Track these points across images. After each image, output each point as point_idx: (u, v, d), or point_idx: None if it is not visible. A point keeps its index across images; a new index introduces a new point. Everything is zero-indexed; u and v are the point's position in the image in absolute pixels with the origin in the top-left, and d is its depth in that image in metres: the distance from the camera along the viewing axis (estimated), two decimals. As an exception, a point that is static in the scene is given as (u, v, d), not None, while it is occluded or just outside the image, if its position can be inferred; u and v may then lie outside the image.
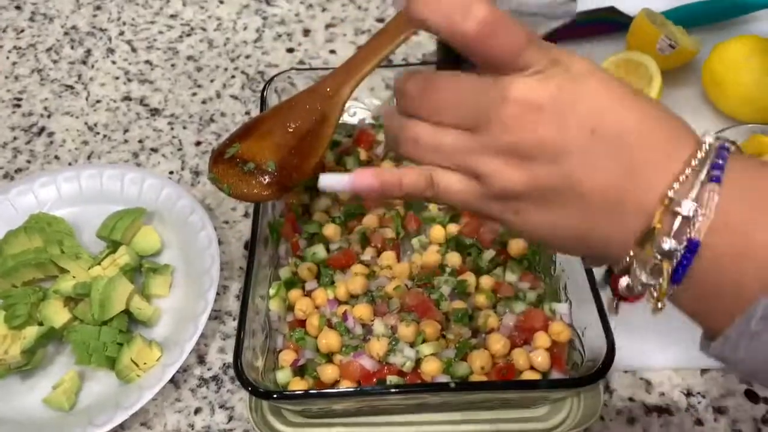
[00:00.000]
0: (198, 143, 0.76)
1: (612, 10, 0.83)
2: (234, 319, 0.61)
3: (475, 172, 0.34)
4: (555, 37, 0.79)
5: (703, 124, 0.72)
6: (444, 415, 0.53)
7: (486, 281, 0.57)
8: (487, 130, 0.33)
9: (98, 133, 0.77)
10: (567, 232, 0.34)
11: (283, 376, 0.52)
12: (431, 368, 0.49)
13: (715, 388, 0.56)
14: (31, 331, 0.56)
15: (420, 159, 0.36)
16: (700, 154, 0.31)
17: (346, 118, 0.71)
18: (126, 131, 0.77)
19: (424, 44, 0.84)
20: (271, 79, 0.66)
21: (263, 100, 0.65)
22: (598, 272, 0.52)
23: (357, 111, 0.70)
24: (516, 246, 0.58)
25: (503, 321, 0.54)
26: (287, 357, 0.53)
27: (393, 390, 0.46)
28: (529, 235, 0.36)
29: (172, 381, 0.58)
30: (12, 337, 0.56)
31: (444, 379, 0.50)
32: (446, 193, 0.35)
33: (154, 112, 0.79)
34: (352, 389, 0.47)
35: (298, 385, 0.51)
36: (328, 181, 0.36)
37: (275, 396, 0.46)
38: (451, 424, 0.53)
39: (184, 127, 0.77)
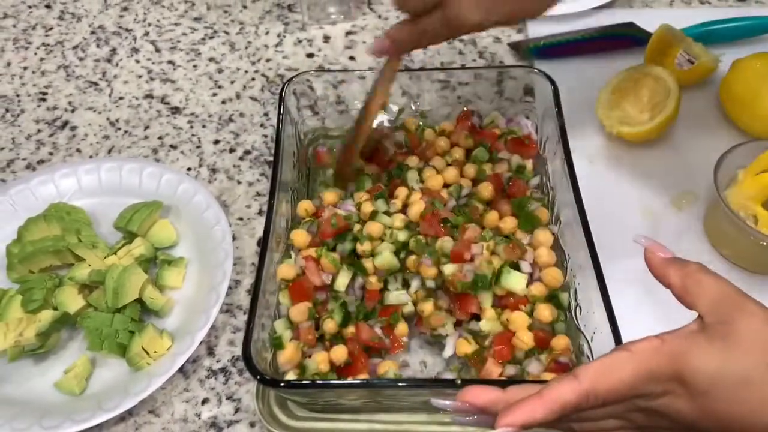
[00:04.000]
0: (216, 142, 0.77)
1: (631, 26, 0.83)
2: (244, 313, 0.62)
3: None
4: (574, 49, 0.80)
5: (720, 140, 0.72)
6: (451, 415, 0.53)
7: None
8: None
9: (119, 129, 0.79)
10: None
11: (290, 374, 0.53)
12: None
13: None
14: (47, 315, 0.57)
15: None
16: None
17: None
18: (147, 128, 0.79)
19: (443, 53, 0.85)
20: (290, 80, 0.67)
21: (281, 100, 0.66)
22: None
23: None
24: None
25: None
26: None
27: (399, 384, 0.46)
28: None
29: (181, 371, 0.58)
30: (27, 321, 0.57)
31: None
32: None
33: (175, 110, 0.81)
34: (358, 381, 0.48)
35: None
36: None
37: (282, 384, 0.46)
38: (458, 425, 0.53)
39: (204, 126, 0.79)
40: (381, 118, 0.71)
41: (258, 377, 0.46)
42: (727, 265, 0.63)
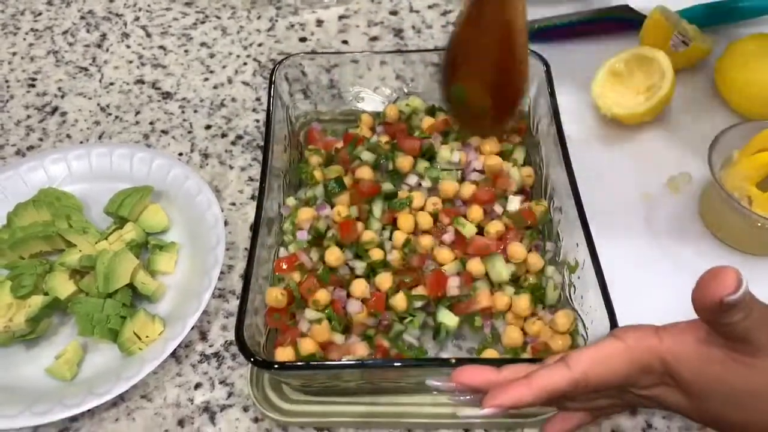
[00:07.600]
0: (208, 127, 0.76)
1: (626, 8, 0.83)
2: (237, 298, 0.62)
3: None
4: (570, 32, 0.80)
5: (715, 121, 0.71)
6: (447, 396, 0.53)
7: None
8: None
9: (110, 114, 0.78)
10: None
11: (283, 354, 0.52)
12: None
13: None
14: (36, 300, 0.57)
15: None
16: None
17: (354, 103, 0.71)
18: (138, 113, 0.78)
19: (436, 36, 0.84)
20: (280, 62, 0.66)
21: (272, 84, 0.65)
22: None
23: (365, 97, 0.70)
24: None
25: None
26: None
27: (392, 364, 0.46)
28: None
29: (174, 356, 0.58)
30: (17, 306, 0.57)
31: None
32: None
33: (166, 95, 0.80)
34: (352, 362, 0.47)
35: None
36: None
37: (276, 366, 0.45)
38: (454, 406, 0.52)
39: (195, 111, 0.78)
40: (371, 102, 0.70)
41: (251, 359, 0.45)
42: (722, 246, 0.63)
